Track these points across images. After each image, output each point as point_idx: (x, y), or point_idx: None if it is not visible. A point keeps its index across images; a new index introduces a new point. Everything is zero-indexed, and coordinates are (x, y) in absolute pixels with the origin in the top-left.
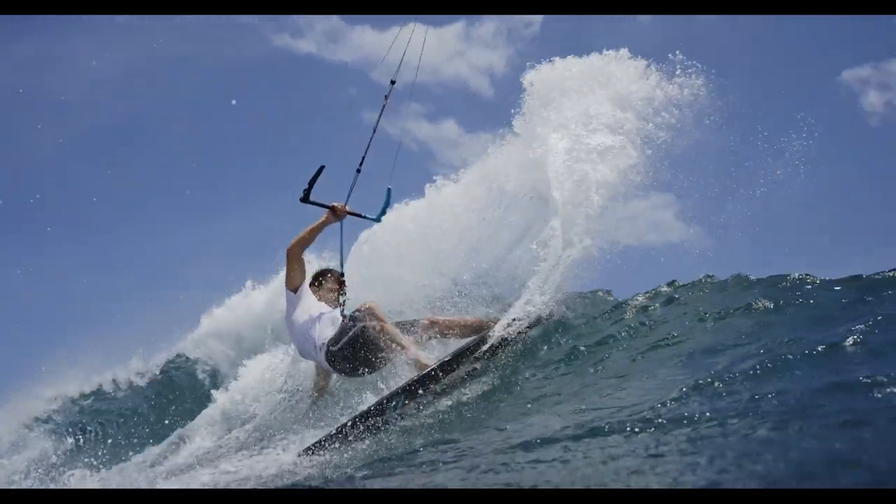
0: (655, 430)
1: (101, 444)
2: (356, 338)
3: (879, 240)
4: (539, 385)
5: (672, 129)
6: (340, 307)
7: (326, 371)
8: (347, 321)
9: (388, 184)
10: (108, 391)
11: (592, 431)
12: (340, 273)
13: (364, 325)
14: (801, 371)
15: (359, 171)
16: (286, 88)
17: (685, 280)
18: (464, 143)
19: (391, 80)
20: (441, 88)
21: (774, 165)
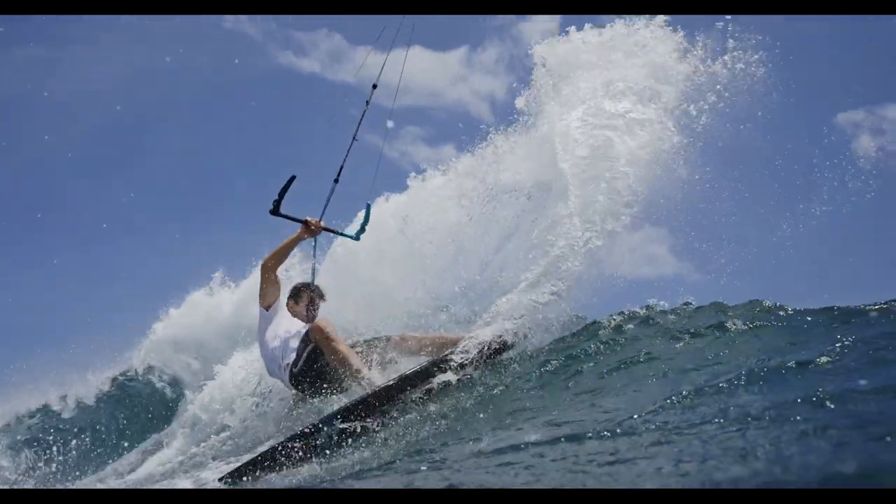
0: (627, 438)
1: (53, 464)
2: (310, 358)
3: (860, 283)
4: (513, 398)
5: (720, 115)
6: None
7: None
8: (301, 341)
9: (369, 199)
10: (56, 409)
11: (567, 439)
12: (312, 289)
13: (315, 346)
14: (771, 384)
15: (336, 181)
16: (288, 106)
17: (662, 305)
18: None
19: (373, 85)
20: (443, 113)
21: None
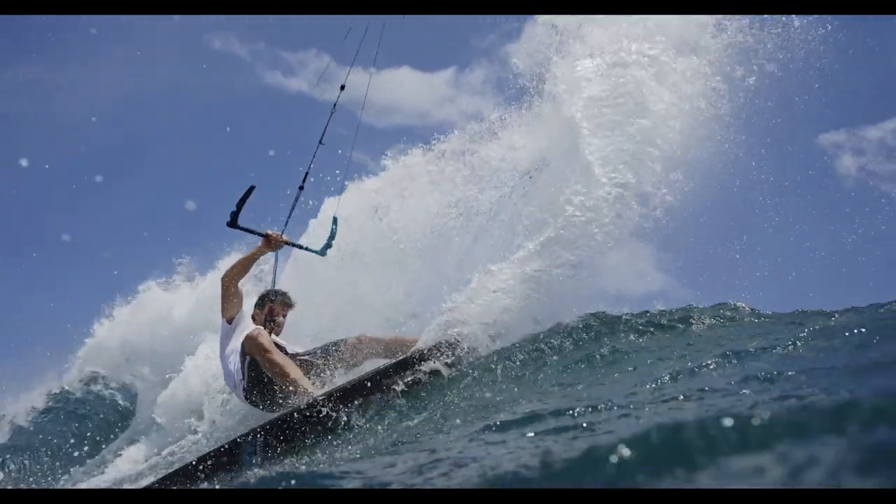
0: (595, 426)
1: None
2: (251, 371)
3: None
4: (475, 393)
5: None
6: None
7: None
8: (240, 354)
9: (337, 213)
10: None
11: (536, 431)
12: (272, 298)
13: (251, 358)
14: (730, 373)
15: (301, 189)
16: (276, 124)
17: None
18: None
19: (341, 86)
20: (430, 132)
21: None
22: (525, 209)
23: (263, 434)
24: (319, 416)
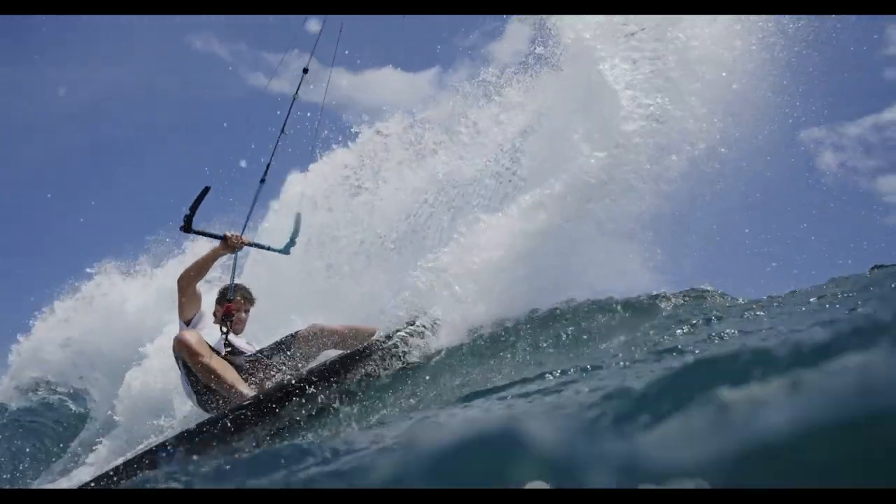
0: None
1: None
2: (188, 374)
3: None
4: (443, 376)
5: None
6: (223, 336)
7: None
8: (177, 358)
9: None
10: None
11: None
12: (228, 297)
13: (184, 363)
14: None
15: (263, 182)
16: (259, 125)
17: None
18: None
19: (304, 69)
20: None
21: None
22: (520, 170)
23: (188, 440)
24: (256, 421)
